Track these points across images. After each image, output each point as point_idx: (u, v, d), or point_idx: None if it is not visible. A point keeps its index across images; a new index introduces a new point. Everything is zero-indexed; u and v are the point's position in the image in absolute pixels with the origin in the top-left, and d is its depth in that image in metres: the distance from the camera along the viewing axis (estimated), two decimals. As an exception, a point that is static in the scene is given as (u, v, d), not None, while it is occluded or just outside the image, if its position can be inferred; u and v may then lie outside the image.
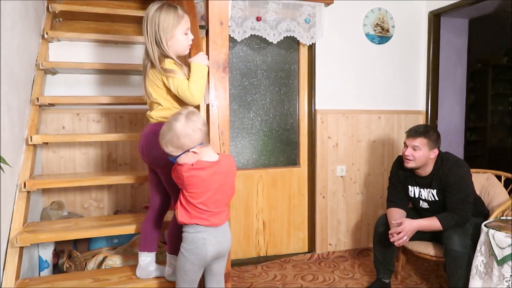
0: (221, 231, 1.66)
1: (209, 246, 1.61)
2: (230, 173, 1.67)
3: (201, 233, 1.61)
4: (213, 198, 1.61)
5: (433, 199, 2.52)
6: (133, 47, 2.80)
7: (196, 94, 1.73)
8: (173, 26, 1.75)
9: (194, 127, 1.55)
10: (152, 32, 1.73)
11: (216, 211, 1.63)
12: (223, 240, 1.67)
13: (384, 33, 3.45)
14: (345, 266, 3.20)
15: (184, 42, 1.80)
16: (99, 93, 2.77)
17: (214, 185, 1.60)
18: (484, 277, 2.14)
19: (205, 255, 1.62)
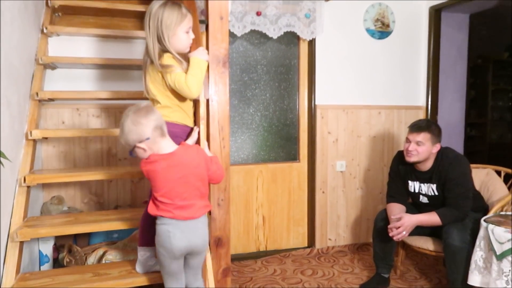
0: (190, 226, 1.62)
1: (174, 239, 1.59)
2: (191, 164, 1.62)
3: (165, 226, 1.61)
4: (175, 190, 1.59)
5: (432, 194, 2.52)
6: (133, 42, 2.80)
7: (193, 87, 1.72)
8: (176, 24, 1.74)
9: (137, 122, 1.53)
10: (154, 28, 1.73)
11: (181, 204, 1.60)
12: (193, 236, 1.63)
13: (385, 28, 3.44)
14: (345, 261, 3.21)
15: (185, 41, 1.79)
16: (99, 88, 2.77)
17: (173, 178, 1.58)
18: (483, 272, 2.15)
19: (171, 248, 1.60)
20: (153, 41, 1.73)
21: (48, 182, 2.21)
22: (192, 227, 1.63)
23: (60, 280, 1.89)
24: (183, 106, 1.83)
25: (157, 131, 1.57)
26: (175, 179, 1.59)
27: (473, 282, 2.18)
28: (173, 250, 1.61)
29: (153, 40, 1.73)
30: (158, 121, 1.58)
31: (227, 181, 1.96)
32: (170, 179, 1.58)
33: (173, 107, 1.81)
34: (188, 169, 1.61)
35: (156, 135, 1.57)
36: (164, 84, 1.77)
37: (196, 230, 1.64)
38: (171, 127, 1.80)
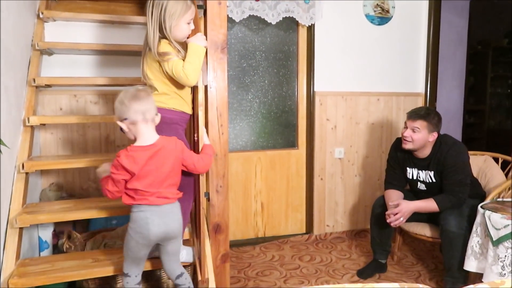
0: (166, 211, 1.67)
1: (152, 225, 1.64)
2: (169, 155, 1.66)
3: (144, 213, 1.65)
4: (152, 179, 1.63)
5: (430, 181, 2.53)
6: (130, 28, 2.77)
7: (190, 75, 1.72)
8: (180, 15, 1.73)
9: (121, 102, 1.61)
10: (157, 16, 1.71)
11: (156, 191, 1.64)
12: (169, 220, 1.68)
13: (384, 14, 3.41)
14: (342, 247, 3.24)
15: (186, 31, 1.79)
16: (97, 74, 2.75)
17: (150, 167, 1.62)
18: (479, 257, 2.17)
19: (148, 234, 1.64)
20: (153, 28, 1.72)
21: (46, 169, 2.21)
22: (168, 211, 1.68)
23: (60, 266, 1.91)
24: (181, 93, 1.82)
25: (139, 116, 1.60)
26: (152, 168, 1.63)
27: (469, 267, 2.21)
28: (150, 236, 1.65)
29: (154, 27, 1.72)
30: (143, 107, 1.61)
31: (225, 168, 1.96)
32: (148, 168, 1.62)
33: (171, 94, 1.80)
34: (166, 160, 1.65)
35: (137, 119, 1.61)
36: (161, 71, 1.76)
37: (173, 215, 1.70)
38: (169, 114, 1.79)
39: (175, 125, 1.82)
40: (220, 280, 1.98)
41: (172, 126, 1.81)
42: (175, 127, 1.81)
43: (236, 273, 2.76)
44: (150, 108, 1.64)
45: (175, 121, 1.81)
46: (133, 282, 1.74)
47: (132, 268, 1.75)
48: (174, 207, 1.71)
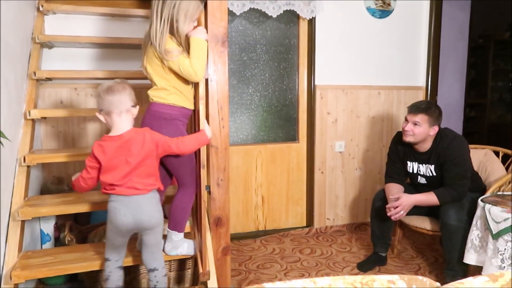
0: (134, 202, 1.67)
1: (119, 215, 1.66)
2: (136, 146, 1.66)
3: (113, 203, 1.68)
4: (119, 169, 1.65)
5: (431, 174, 2.54)
6: (131, 21, 2.76)
7: (198, 71, 1.72)
8: (192, 15, 1.74)
9: (98, 94, 1.67)
10: (168, 14, 1.70)
11: (124, 182, 1.65)
12: (137, 212, 1.67)
13: (386, 7, 3.40)
14: (343, 240, 3.25)
15: (190, 28, 1.78)
16: (97, 67, 2.75)
17: (118, 157, 1.64)
18: (479, 250, 2.18)
19: (117, 224, 1.68)
20: (162, 26, 1.70)
21: (47, 162, 2.21)
22: (136, 203, 1.68)
23: (62, 258, 1.92)
24: (181, 88, 1.81)
25: (112, 107, 1.64)
26: (121, 159, 1.65)
27: (469, 260, 2.22)
28: (119, 226, 1.68)
29: (162, 25, 1.70)
30: (116, 99, 1.64)
31: (226, 162, 1.96)
32: (116, 159, 1.65)
33: (170, 89, 1.79)
34: (134, 151, 1.65)
35: (110, 110, 1.65)
36: (162, 67, 1.75)
37: (141, 207, 1.68)
38: (168, 109, 1.79)
39: (175, 120, 1.81)
40: (221, 273, 2.00)
41: (172, 122, 1.80)
42: (175, 123, 1.81)
43: (237, 265, 2.78)
44: (124, 101, 1.66)
45: (174, 116, 1.80)
46: (113, 266, 1.78)
47: (112, 254, 1.78)
48: (145, 199, 1.69)
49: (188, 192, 1.89)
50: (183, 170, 1.86)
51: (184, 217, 1.92)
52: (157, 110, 1.79)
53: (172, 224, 1.92)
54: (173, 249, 1.94)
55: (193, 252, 1.97)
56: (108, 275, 1.77)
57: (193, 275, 2.23)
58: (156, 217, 1.73)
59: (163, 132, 1.76)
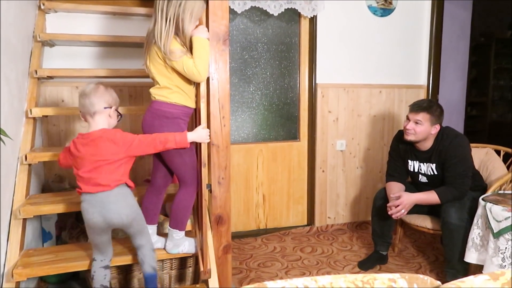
0: (99, 200, 1.69)
1: (87, 215, 1.70)
2: (102, 145, 1.69)
3: (82, 203, 1.72)
4: (85, 167, 1.69)
5: (432, 173, 2.54)
6: (132, 19, 2.76)
7: (202, 71, 1.73)
8: (197, 14, 1.75)
9: (79, 96, 1.75)
10: (174, 15, 1.69)
11: (89, 177, 1.68)
12: (104, 211, 1.68)
13: (387, 5, 3.39)
14: (344, 239, 3.25)
15: (193, 26, 1.78)
16: (98, 65, 2.75)
17: (84, 155, 1.69)
18: (480, 249, 2.18)
19: (88, 224, 1.72)
20: (168, 25, 1.69)
21: (49, 160, 2.21)
22: (101, 200, 1.69)
23: (63, 256, 1.93)
24: (184, 88, 1.81)
25: (85, 110, 1.72)
26: (86, 156, 1.69)
27: (469, 259, 2.22)
28: (90, 226, 1.72)
29: (168, 24, 1.69)
30: (87, 101, 1.71)
31: (227, 160, 1.97)
32: (82, 156, 1.70)
33: (172, 88, 1.79)
34: (99, 149, 1.68)
35: (84, 112, 1.74)
36: (165, 66, 1.75)
37: (108, 204, 1.69)
38: (170, 108, 1.79)
39: (177, 119, 1.81)
40: (222, 271, 2.00)
41: (174, 121, 1.80)
42: (177, 122, 1.81)
43: (238, 264, 2.78)
44: (95, 102, 1.71)
45: (176, 115, 1.81)
46: (97, 265, 1.80)
47: (97, 254, 1.81)
48: (111, 195, 1.69)
49: (189, 190, 1.89)
50: (184, 168, 1.86)
51: (186, 215, 1.92)
52: (159, 108, 1.79)
53: (174, 222, 1.92)
54: (174, 247, 1.94)
55: (194, 251, 1.97)
56: (93, 275, 1.80)
57: (194, 274, 2.24)
58: (126, 213, 1.72)
59: (165, 130, 1.77)
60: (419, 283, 0.89)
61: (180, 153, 1.81)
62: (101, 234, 1.75)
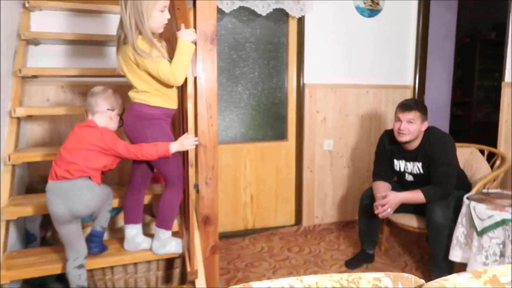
0: (63, 190, 1.69)
1: (51, 206, 1.70)
2: (88, 135, 1.74)
3: (47, 193, 1.72)
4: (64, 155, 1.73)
5: (418, 172, 2.57)
6: (118, 18, 2.72)
7: (178, 76, 1.69)
8: (154, 4, 1.66)
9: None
10: (131, 9, 1.64)
11: (63, 154, 1.73)
12: (69, 201, 1.68)
13: (374, 6, 3.42)
14: (331, 238, 3.27)
15: (160, 19, 1.70)
16: (85, 64, 2.71)
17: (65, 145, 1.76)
18: (464, 247, 2.22)
19: (52, 215, 1.71)
20: (130, 23, 1.64)
21: (33, 161, 2.18)
22: (65, 189, 1.69)
23: (48, 258, 1.90)
24: (162, 90, 1.77)
25: (89, 108, 1.82)
26: (75, 135, 1.76)
27: (454, 257, 2.25)
28: (55, 217, 1.71)
29: (130, 22, 1.64)
30: (92, 102, 1.81)
31: (215, 160, 1.96)
32: (73, 134, 1.78)
33: (151, 91, 1.75)
34: (87, 134, 1.75)
35: (88, 110, 1.82)
36: (139, 70, 1.71)
37: (73, 196, 1.69)
38: (150, 110, 1.76)
39: (158, 120, 1.78)
40: (209, 272, 1.99)
41: (156, 122, 1.78)
42: (158, 123, 1.78)
43: (226, 264, 2.78)
44: (99, 103, 1.80)
45: (157, 116, 1.78)
46: (71, 266, 1.77)
47: (69, 252, 1.78)
48: (76, 186, 1.70)
49: (175, 190, 1.88)
50: (168, 168, 1.85)
51: (172, 215, 1.91)
52: (140, 110, 1.76)
53: (160, 222, 1.91)
54: (161, 248, 1.93)
55: (181, 251, 1.96)
56: (67, 276, 1.78)
57: (181, 274, 2.23)
58: (94, 204, 1.75)
59: (147, 132, 1.75)
60: (403, 281, 0.90)
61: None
62: (68, 224, 1.73)
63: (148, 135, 1.76)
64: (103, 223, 1.90)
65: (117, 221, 2.37)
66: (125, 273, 2.08)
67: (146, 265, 2.09)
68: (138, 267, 2.08)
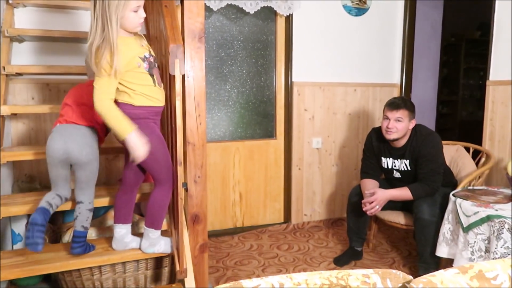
0: (68, 131, 1.81)
1: (51, 143, 1.78)
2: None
3: (51, 133, 1.83)
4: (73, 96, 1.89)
5: (405, 169, 2.59)
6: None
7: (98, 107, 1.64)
8: (125, 4, 1.61)
9: None
10: (102, 8, 1.58)
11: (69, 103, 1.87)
12: (69, 140, 1.77)
13: (362, 5, 3.44)
14: (320, 236, 3.29)
15: (133, 19, 1.66)
16: (70, 62, 2.67)
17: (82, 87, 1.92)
18: (451, 243, 2.25)
19: (48, 152, 1.78)
20: (96, 21, 1.59)
21: (18, 160, 2.15)
22: (70, 131, 1.81)
23: (34, 259, 1.87)
24: (142, 90, 1.72)
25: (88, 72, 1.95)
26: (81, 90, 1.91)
27: (441, 253, 2.28)
28: (50, 154, 1.78)
29: (97, 21, 1.59)
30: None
31: (204, 158, 1.95)
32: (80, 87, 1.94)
33: (129, 92, 1.71)
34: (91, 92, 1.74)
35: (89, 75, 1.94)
36: None
37: (73, 136, 1.79)
38: (135, 110, 1.73)
39: (145, 119, 1.75)
40: (198, 270, 1.99)
41: (142, 121, 1.74)
42: (145, 122, 1.75)
43: (215, 262, 2.78)
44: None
45: (143, 116, 1.74)
46: (49, 196, 1.83)
47: (52, 188, 1.86)
48: (81, 132, 1.81)
49: (164, 189, 1.87)
50: (157, 166, 1.83)
51: (161, 214, 1.90)
52: (125, 110, 1.73)
53: (149, 221, 1.90)
54: (150, 247, 1.92)
55: (170, 250, 1.95)
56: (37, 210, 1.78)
57: (170, 273, 2.21)
58: (87, 151, 1.80)
59: None
60: (392, 278, 0.91)
61: (152, 152, 1.77)
62: (59, 167, 1.80)
63: None
64: (84, 223, 1.87)
65: (106, 220, 2.34)
66: (114, 272, 2.07)
67: (134, 264, 2.08)
68: (127, 267, 2.06)
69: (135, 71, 1.69)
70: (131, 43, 1.71)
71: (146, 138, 1.73)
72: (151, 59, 1.76)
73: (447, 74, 5.83)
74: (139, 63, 1.70)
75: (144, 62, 1.72)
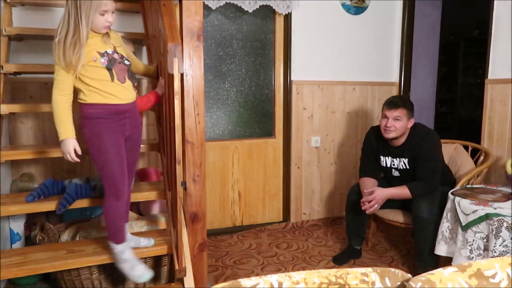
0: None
1: None
2: None
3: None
4: None
5: (404, 167, 2.60)
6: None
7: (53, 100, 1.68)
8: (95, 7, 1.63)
9: None
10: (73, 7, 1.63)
11: None
12: None
13: (360, 4, 3.44)
14: (319, 234, 3.29)
15: (99, 22, 1.67)
16: (68, 61, 2.67)
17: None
18: (449, 242, 2.25)
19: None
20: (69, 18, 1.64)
21: (16, 159, 2.14)
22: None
23: (33, 258, 1.87)
24: (97, 86, 1.69)
25: None
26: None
27: (439, 252, 2.29)
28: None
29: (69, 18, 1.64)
30: None
31: (202, 157, 1.95)
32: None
33: (84, 90, 1.70)
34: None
35: None
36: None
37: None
38: (88, 108, 1.71)
39: (96, 119, 1.71)
40: (197, 269, 1.99)
41: (92, 121, 1.71)
42: (95, 121, 1.71)
43: (214, 261, 2.78)
44: None
45: (95, 115, 1.70)
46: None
47: None
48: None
49: (107, 197, 1.76)
50: (100, 171, 1.77)
51: (116, 226, 1.77)
52: (81, 109, 1.72)
53: (108, 234, 1.81)
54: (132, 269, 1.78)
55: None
56: None
57: (169, 272, 2.21)
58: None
59: (84, 131, 1.72)
60: (390, 276, 0.91)
61: (93, 158, 1.75)
62: None
63: (86, 136, 1.73)
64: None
65: (103, 220, 2.34)
66: (112, 271, 2.06)
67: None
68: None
69: (90, 65, 1.67)
70: (92, 38, 1.69)
71: (86, 143, 1.72)
72: (115, 56, 1.73)
73: (446, 73, 5.83)
74: (95, 57, 1.68)
75: (102, 57, 1.70)
